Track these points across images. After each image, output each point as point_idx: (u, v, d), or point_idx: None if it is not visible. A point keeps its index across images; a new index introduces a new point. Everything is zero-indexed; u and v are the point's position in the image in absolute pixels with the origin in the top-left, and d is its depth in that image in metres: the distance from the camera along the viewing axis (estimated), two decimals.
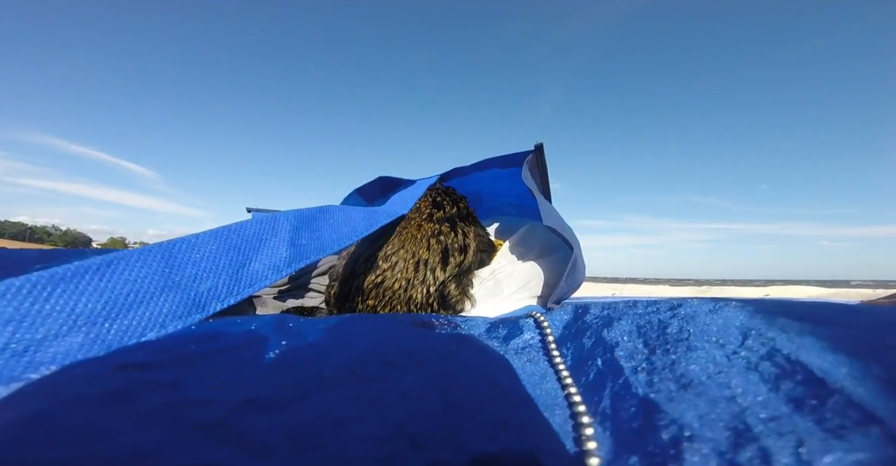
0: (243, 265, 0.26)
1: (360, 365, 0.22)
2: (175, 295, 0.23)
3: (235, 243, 0.27)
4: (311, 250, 0.30)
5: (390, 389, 0.21)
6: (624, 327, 0.27)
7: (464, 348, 0.24)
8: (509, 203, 0.65)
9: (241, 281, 0.26)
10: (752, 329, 0.25)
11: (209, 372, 0.21)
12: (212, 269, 0.25)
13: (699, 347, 0.24)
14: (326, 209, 0.36)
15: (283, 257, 0.28)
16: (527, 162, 0.53)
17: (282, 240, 0.29)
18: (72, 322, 0.20)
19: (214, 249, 0.26)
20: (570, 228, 0.51)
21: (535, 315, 0.30)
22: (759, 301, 0.37)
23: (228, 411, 0.19)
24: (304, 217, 0.33)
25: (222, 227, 0.27)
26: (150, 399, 0.19)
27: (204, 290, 0.24)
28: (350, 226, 0.35)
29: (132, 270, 0.22)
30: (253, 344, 0.23)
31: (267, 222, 0.30)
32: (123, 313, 0.21)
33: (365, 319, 0.29)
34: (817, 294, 4.04)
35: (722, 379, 0.21)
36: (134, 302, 0.22)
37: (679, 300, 0.31)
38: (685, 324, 0.26)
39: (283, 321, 0.26)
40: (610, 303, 0.32)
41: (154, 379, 0.20)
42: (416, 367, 0.22)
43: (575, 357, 0.25)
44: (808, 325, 0.26)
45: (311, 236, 0.31)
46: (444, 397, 0.20)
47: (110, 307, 0.21)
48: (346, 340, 0.25)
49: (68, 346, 0.19)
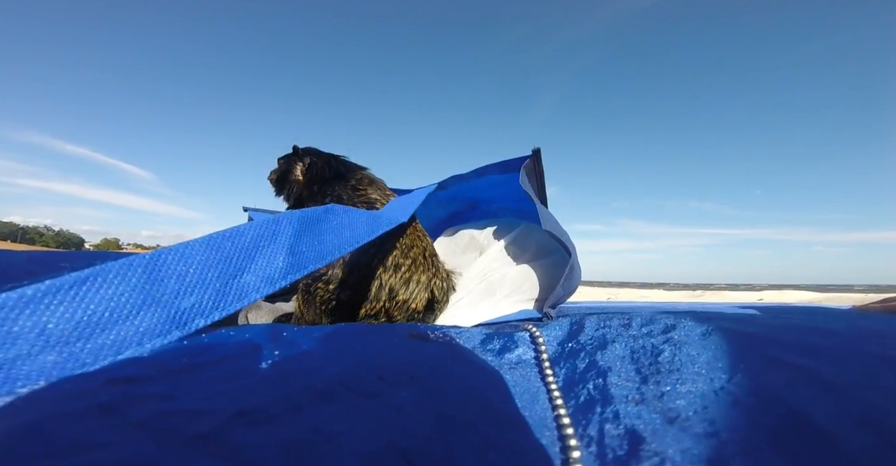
0: (234, 276, 0.25)
1: (353, 379, 0.22)
2: (154, 312, 0.22)
3: (228, 252, 0.25)
4: (311, 258, 0.29)
5: (383, 404, 0.21)
6: (618, 351, 0.27)
7: (458, 362, 0.24)
8: (506, 207, 0.64)
9: (230, 294, 0.24)
10: (740, 363, 0.26)
11: (201, 383, 0.21)
12: (197, 283, 0.24)
13: (689, 380, 0.24)
14: (331, 209, 0.34)
15: (280, 267, 0.27)
16: (524, 167, 0.53)
17: (280, 248, 0.28)
18: (43, 342, 0.19)
19: (203, 260, 0.24)
20: (566, 233, 0.51)
21: (531, 328, 0.30)
22: (751, 317, 0.38)
23: (220, 423, 0.19)
24: (309, 219, 0.31)
25: (216, 233, 0.26)
26: (140, 411, 0.19)
27: (186, 306, 0.23)
28: (352, 232, 0.33)
29: (109, 287, 0.21)
30: (246, 355, 0.23)
31: (267, 226, 0.28)
32: (98, 332, 0.20)
33: (360, 330, 0.28)
34: (810, 298, 4.17)
35: (707, 414, 0.22)
36: (109, 321, 0.21)
37: (674, 319, 0.31)
38: (678, 352, 0.27)
39: (277, 330, 0.26)
40: (605, 318, 0.32)
41: (145, 392, 0.20)
42: (410, 382, 0.22)
43: (567, 378, 0.25)
44: (796, 355, 0.26)
45: (313, 242, 0.30)
46: (436, 414, 0.21)
47: (83, 327, 0.20)
48: (340, 352, 0.25)
49: (41, 365, 0.19)
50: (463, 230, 0.64)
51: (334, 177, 0.58)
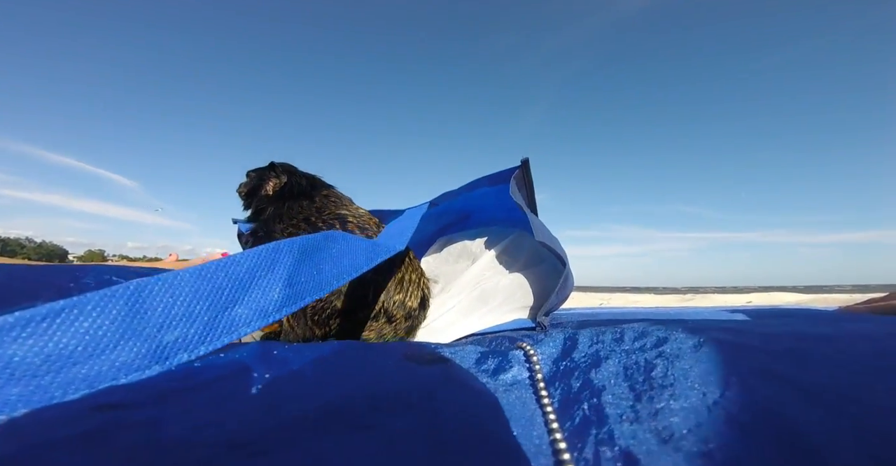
0: (225, 309, 0.24)
1: (347, 408, 0.22)
2: (134, 345, 0.21)
3: (220, 283, 0.24)
4: (309, 289, 0.28)
5: (377, 435, 0.21)
6: (611, 368, 0.27)
7: (453, 387, 0.24)
8: (498, 217, 0.65)
9: (219, 328, 0.23)
10: (732, 376, 0.26)
11: (188, 409, 0.20)
12: (184, 315, 0.22)
13: (682, 395, 0.24)
14: (331, 236, 0.33)
15: (275, 299, 0.26)
16: (514, 177, 0.53)
17: (278, 278, 0.27)
18: (7, 375, 0.18)
19: (192, 290, 0.23)
20: (558, 242, 0.52)
21: (525, 347, 0.30)
22: (741, 324, 0.38)
23: (213, 455, 0.19)
24: (309, 247, 0.30)
25: (210, 263, 0.25)
26: (128, 440, 0.18)
27: (170, 340, 0.22)
28: (351, 260, 0.32)
29: (86, 319, 0.20)
30: (235, 377, 0.23)
31: (266, 255, 0.27)
32: (69, 366, 0.20)
33: (354, 349, 0.28)
34: (797, 300, 4.27)
35: (701, 432, 0.22)
36: (83, 354, 0.20)
37: (665, 331, 0.32)
38: (670, 367, 0.27)
39: (267, 349, 0.25)
40: (598, 332, 0.33)
41: (132, 419, 0.19)
42: (405, 411, 0.22)
43: (562, 398, 0.25)
44: (787, 364, 0.27)
45: (312, 271, 0.29)
46: (431, 444, 0.20)
47: (53, 360, 0.19)
48: (333, 375, 0.24)
49: (5, 397, 0.18)
50: (455, 239, 0.64)
51: (301, 194, 0.58)
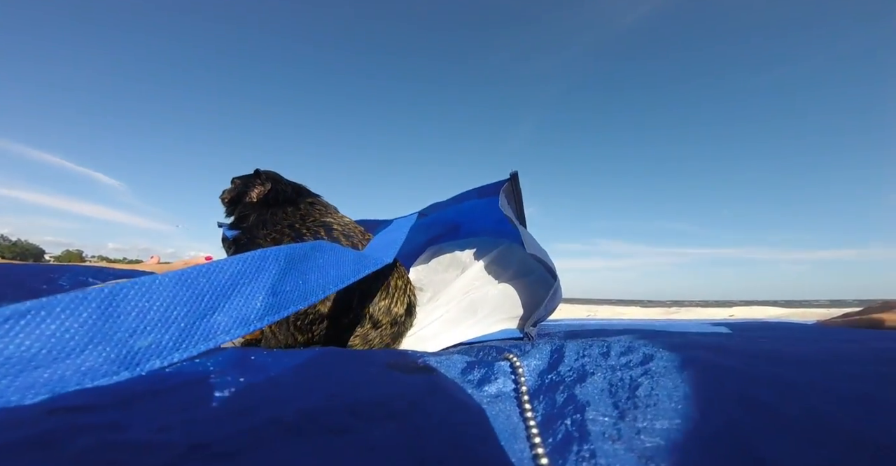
0: (203, 316, 0.23)
1: (325, 413, 0.21)
2: (103, 350, 0.20)
3: (201, 289, 0.23)
4: (293, 299, 0.27)
5: (355, 442, 0.20)
6: (597, 384, 0.27)
7: (437, 397, 0.23)
8: (487, 228, 0.66)
9: (196, 335, 0.22)
10: (713, 400, 0.25)
11: (155, 413, 0.19)
12: (159, 321, 0.22)
13: (664, 416, 0.24)
14: (319, 246, 0.32)
15: (258, 308, 0.25)
16: (503, 190, 0.54)
17: (261, 287, 0.26)
18: None
19: (171, 296, 0.22)
20: (547, 255, 0.53)
21: (511, 358, 0.29)
22: (725, 343, 0.38)
23: (172, 457, 0.17)
24: (296, 256, 0.29)
25: (192, 268, 0.24)
26: (83, 444, 0.17)
27: (142, 346, 0.21)
28: (338, 271, 0.32)
29: (53, 322, 0.19)
30: (206, 382, 0.21)
31: (251, 262, 0.26)
32: (30, 370, 0.19)
33: (337, 356, 0.27)
34: (777, 314, 4.37)
35: (680, 456, 0.22)
36: (46, 358, 0.19)
37: (651, 348, 0.31)
38: (655, 386, 0.27)
39: (244, 355, 0.24)
40: (586, 345, 0.32)
41: (91, 423, 0.18)
42: (386, 419, 0.21)
43: (546, 413, 0.25)
44: (768, 392, 0.27)
45: (297, 281, 0.28)
46: (412, 455, 0.20)
47: (13, 363, 0.18)
48: (312, 382, 0.23)
49: None
50: (444, 249, 0.64)
51: (285, 201, 0.58)
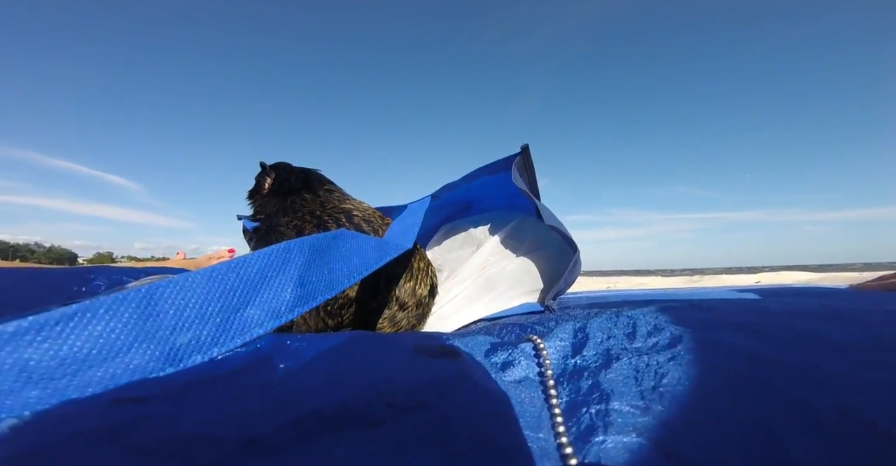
0: (237, 310, 0.24)
1: (360, 405, 0.22)
2: (148, 348, 0.21)
3: (232, 284, 0.24)
4: (320, 289, 0.27)
5: (389, 434, 0.21)
6: (622, 370, 0.27)
7: (464, 386, 0.24)
8: (499, 204, 0.64)
9: (231, 329, 0.23)
10: (741, 393, 0.25)
11: (207, 403, 0.21)
12: (197, 317, 0.22)
13: (690, 409, 0.24)
14: (340, 235, 0.32)
15: (287, 300, 0.26)
16: (515, 164, 0.52)
17: (289, 279, 0.26)
18: (25, 378, 0.19)
19: (204, 292, 0.23)
20: (564, 226, 0.52)
21: (535, 339, 0.30)
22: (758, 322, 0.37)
23: (230, 452, 0.19)
24: (319, 246, 0.29)
25: (221, 264, 0.24)
26: (146, 435, 0.19)
27: (183, 342, 0.22)
28: (361, 259, 0.32)
29: (98, 323, 0.20)
30: (251, 370, 0.23)
31: (276, 255, 0.26)
32: (84, 369, 0.20)
33: (367, 341, 0.28)
34: (806, 278, 4.25)
35: (706, 451, 0.22)
36: (97, 358, 0.20)
37: (680, 328, 0.31)
38: (682, 375, 0.27)
39: (281, 341, 0.25)
40: (610, 324, 0.32)
41: (150, 413, 0.20)
42: (417, 409, 0.22)
43: (570, 400, 0.26)
44: (797, 386, 0.26)
45: (322, 271, 0.28)
46: (441, 446, 0.21)
47: (68, 364, 0.20)
48: (346, 369, 0.24)
49: (24, 400, 0.19)
50: (458, 226, 0.64)
51: (301, 188, 0.58)
